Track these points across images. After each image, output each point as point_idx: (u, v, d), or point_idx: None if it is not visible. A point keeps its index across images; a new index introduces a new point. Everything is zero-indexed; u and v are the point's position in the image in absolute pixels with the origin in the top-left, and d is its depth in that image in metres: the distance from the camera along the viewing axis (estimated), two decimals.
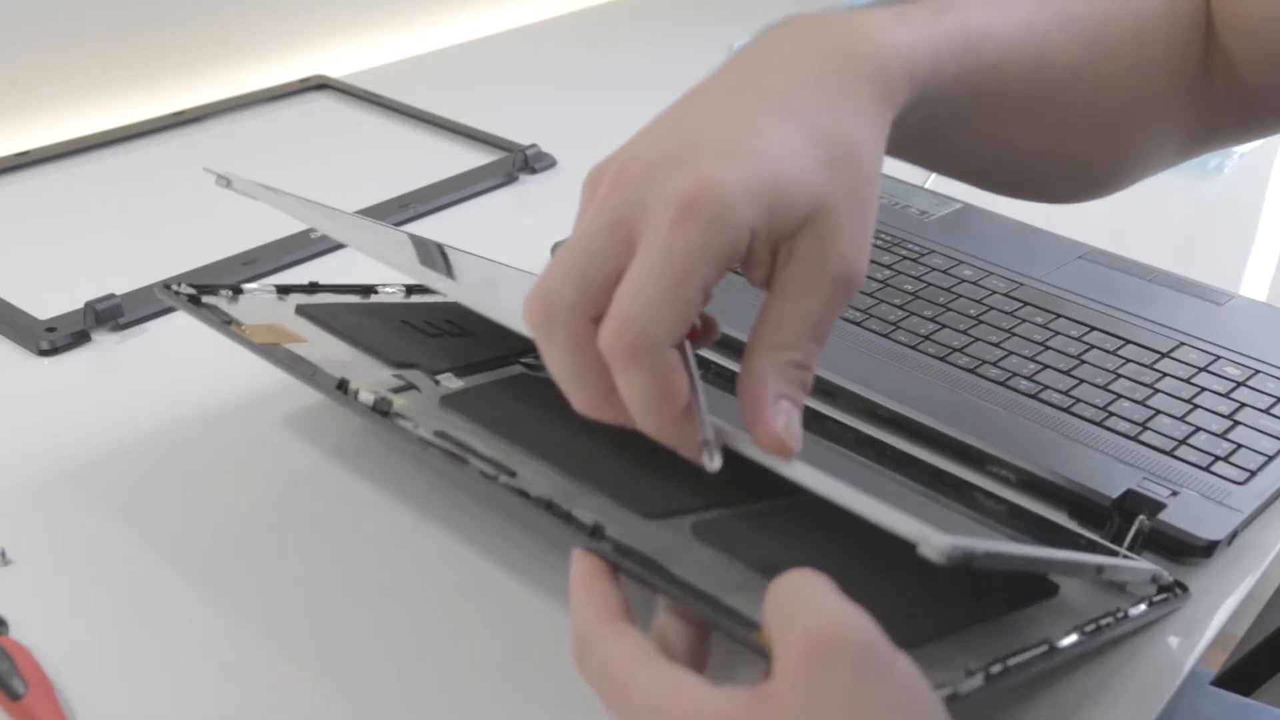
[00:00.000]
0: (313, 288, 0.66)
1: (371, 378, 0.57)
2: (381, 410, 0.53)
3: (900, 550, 0.38)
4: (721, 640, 0.43)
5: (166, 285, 0.62)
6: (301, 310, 0.63)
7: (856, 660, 0.35)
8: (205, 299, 0.62)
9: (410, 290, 0.70)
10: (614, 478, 0.52)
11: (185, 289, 0.61)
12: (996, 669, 0.43)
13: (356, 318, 0.64)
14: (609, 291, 0.40)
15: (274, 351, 0.57)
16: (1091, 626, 0.49)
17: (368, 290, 0.68)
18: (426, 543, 0.57)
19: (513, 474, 0.50)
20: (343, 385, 0.55)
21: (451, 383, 0.59)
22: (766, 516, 0.52)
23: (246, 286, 0.64)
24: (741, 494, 0.53)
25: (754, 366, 0.42)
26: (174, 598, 0.54)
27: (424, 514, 0.59)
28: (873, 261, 0.78)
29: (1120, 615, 0.51)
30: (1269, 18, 0.57)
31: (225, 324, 0.59)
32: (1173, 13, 0.58)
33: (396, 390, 0.57)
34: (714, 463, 0.41)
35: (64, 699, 0.48)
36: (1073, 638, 0.48)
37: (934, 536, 0.37)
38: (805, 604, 0.37)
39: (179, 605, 0.54)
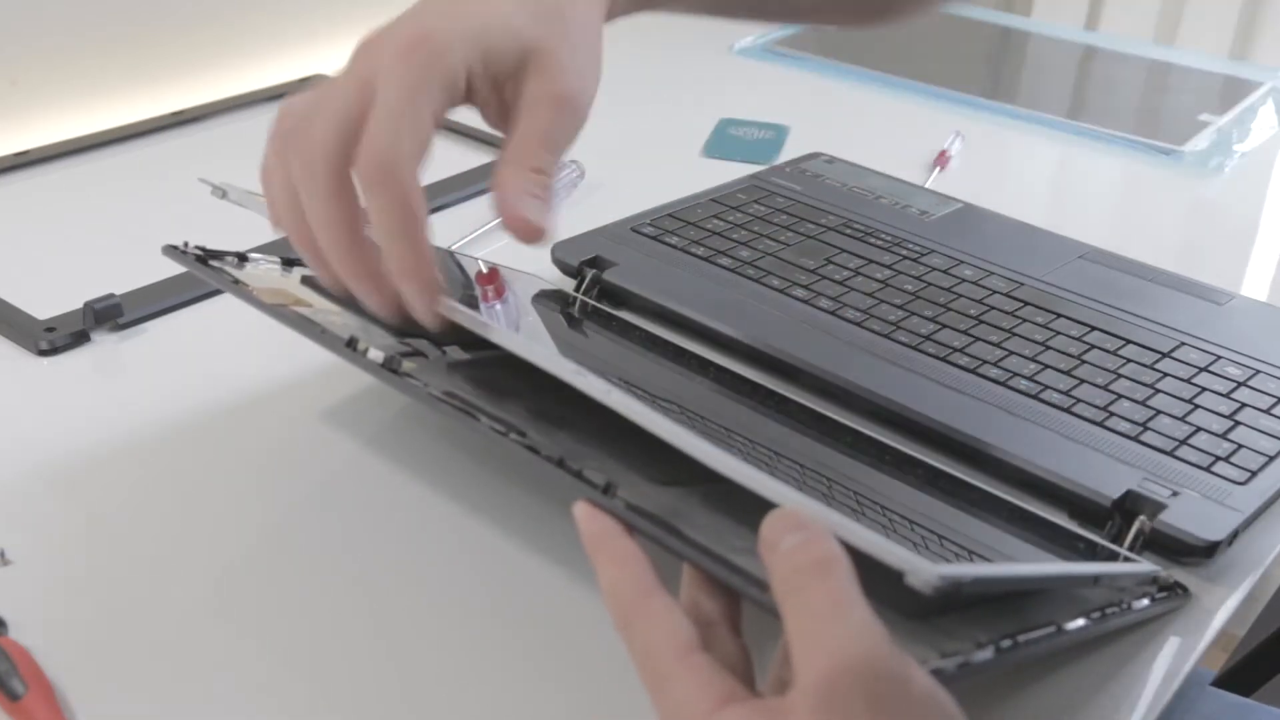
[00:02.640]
0: None
1: (378, 341, 0.57)
2: (392, 368, 0.52)
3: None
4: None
5: (174, 246, 0.60)
6: (307, 281, 0.63)
7: (873, 696, 0.35)
8: (212, 262, 0.61)
9: None
10: (623, 447, 0.51)
11: (193, 249, 0.61)
12: (1006, 644, 0.43)
13: None
14: (359, 136, 0.48)
15: (282, 312, 0.56)
16: (1097, 614, 0.49)
17: None
18: (426, 534, 0.57)
19: (523, 434, 0.49)
20: (352, 343, 0.53)
21: (458, 354, 0.58)
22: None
23: (252, 255, 0.63)
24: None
25: (500, 176, 0.50)
26: (173, 598, 0.54)
27: (420, 516, 0.59)
28: (872, 262, 0.78)
29: (1125, 606, 0.51)
30: None
31: (234, 283, 0.58)
32: None
33: (404, 355, 0.56)
34: (437, 306, 0.49)
35: (64, 699, 0.48)
36: (1080, 621, 0.48)
37: (921, 566, 0.37)
38: (826, 628, 0.37)
39: (178, 605, 0.54)
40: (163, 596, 0.54)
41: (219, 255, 0.62)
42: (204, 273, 0.59)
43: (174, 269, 0.77)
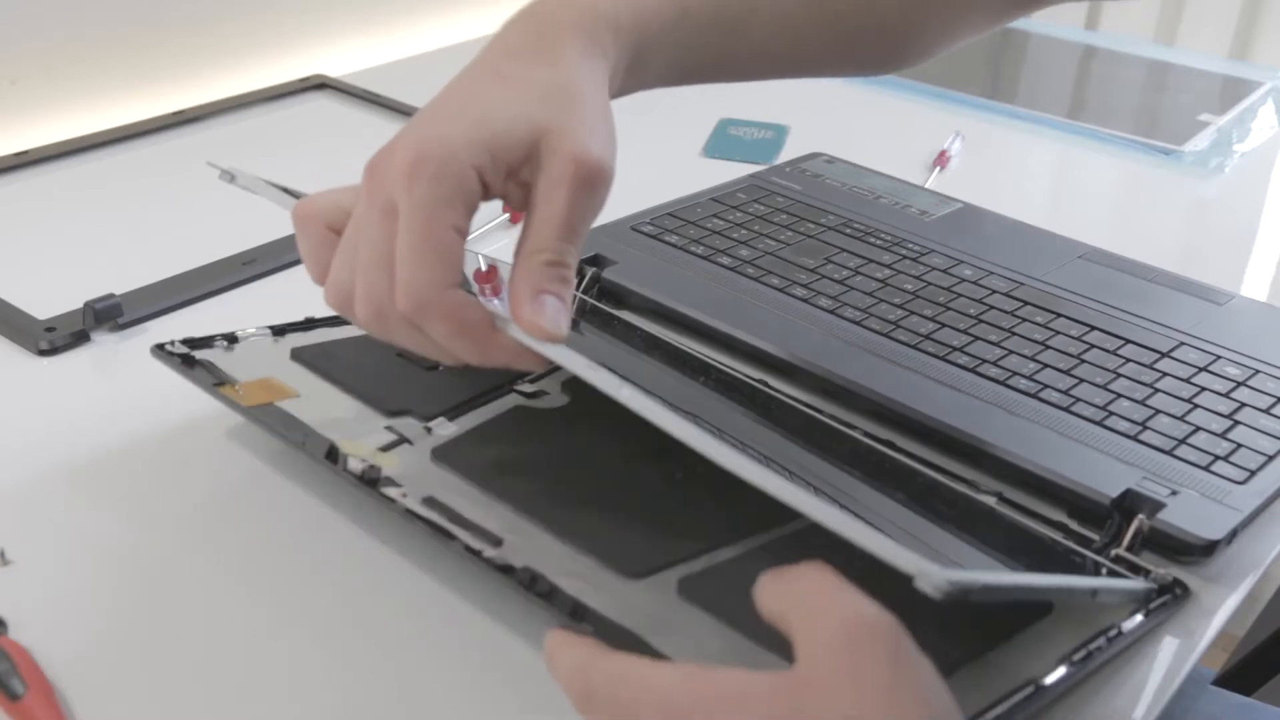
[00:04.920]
0: (309, 324, 0.67)
1: (363, 431, 0.58)
2: (370, 479, 0.54)
3: (882, 594, 0.38)
4: None
5: (160, 346, 0.62)
6: (296, 355, 0.64)
7: (892, 649, 0.37)
8: (199, 354, 0.63)
9: None
10: (600, 529, 0.53)
11: (178, 348, 0.63)
12: None
13: (351, 356, 0.65)
14: None
15: (266, 413, 0.58)
16: (1082, 654, 0.49)
17: None
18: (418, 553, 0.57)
19: (498, 542, 0.51)
20: (332, 453, 0.55)
21: (444, 429, 0.59)
22: (753, 560, 0.53)
23: (240, 334, 0.65)
24: (728, 533, 0.54)
25: (516, 271, 0.48)
26: (174, 598, 0.54)
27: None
28: (872, 261, 0.78)
29: (1114, 634, 0.51)
30: None
31: (217, 386, 0.60)
32: None
33: (387, 447, 0.57)
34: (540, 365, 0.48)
35: (63, 699, 0.48)
36: (1060, 672, 0.48)
37: (931, 571, 0.37)
38: (834, 596, 0.38)
39: (178, 605, 0.54)
40: (162, 596, 0.54)
41: (208, 342, 0.64)
42: (187, 376, 0.61)
43: (174, 269, 0.77)
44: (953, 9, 0.64)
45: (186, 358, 0.62)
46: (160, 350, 0.62)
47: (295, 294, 0.78)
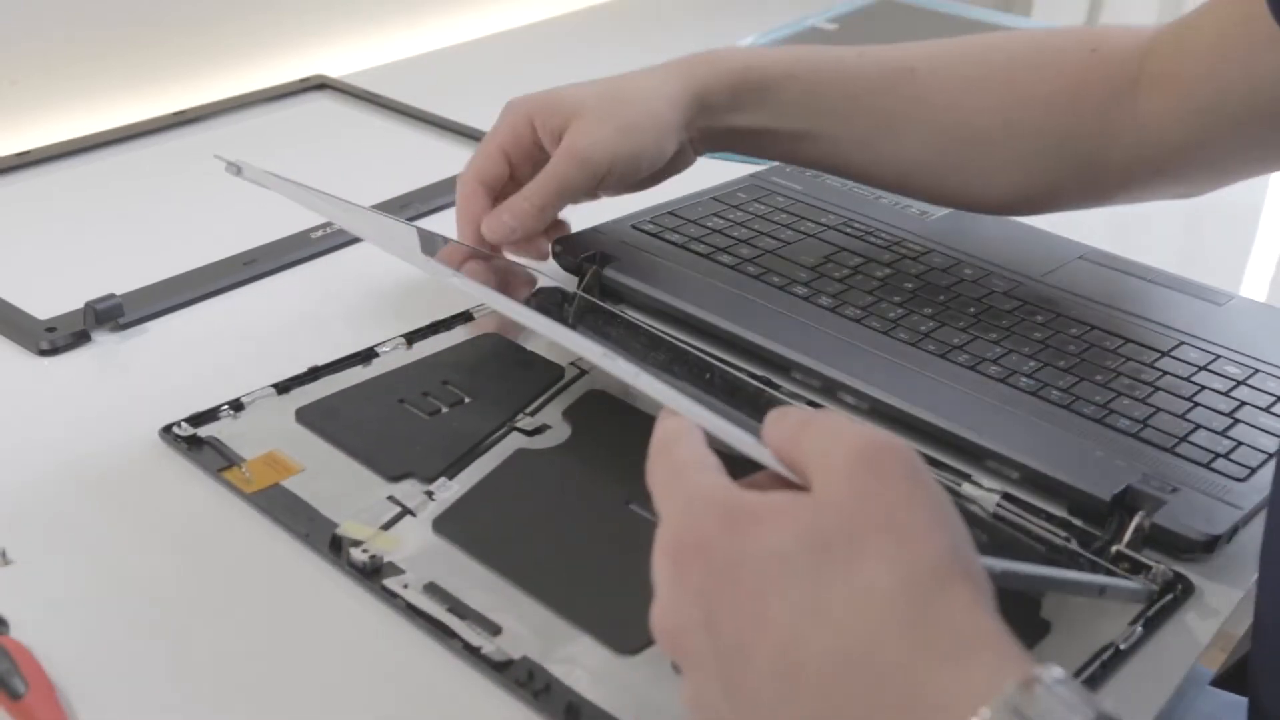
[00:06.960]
0: (312, 374, 0.67)
1: (366, 503, 0.58)
2: (372, 570, 0.54)
3: None
4: None
5: (168, 429, 0.62)
6: (301, 416, 0.64)
7: (909, 467, 0.38)
8: (205, 430, 0.63)
9: (410, 339, 0.71)
10: (597, 599, 0.53)
11: (184, 430, 0.62)
12: None
13: (354, 410, 0.65)
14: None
15: (271, 498, 0.58)
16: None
17: (368, 355, 0.69)
18: None
19: (497, 630, 0.52)
20: (336, 544, 0.56)
21: (445, 491, 0.59)
22: None
23: (246, 399, 0.65)
24: None
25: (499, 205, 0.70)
26: (174, 597, 0.54)
27: None
28: (872, 260, 0.78)
29: (1110, 655, 0.52)
30: (1193, 76, 0.67)
31: (222, 470, 0.60)
32: (1071, 82, 0.71)
33: (389, 523, 0.57)
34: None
35: (64, 699, 0.48)
36: None
37: None
38: (845, 427, 0.39)
39: (179, 605, 0.54)
40: (163, 596, 0.54)
41: (214, 414, 0.64)
42: (192, 460, 0.61)
43: (174, 269, 0.77)
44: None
45: (192, 439, 0.62)
46: (167, 434, 0.62)
47: (295, 294, 0.78)
